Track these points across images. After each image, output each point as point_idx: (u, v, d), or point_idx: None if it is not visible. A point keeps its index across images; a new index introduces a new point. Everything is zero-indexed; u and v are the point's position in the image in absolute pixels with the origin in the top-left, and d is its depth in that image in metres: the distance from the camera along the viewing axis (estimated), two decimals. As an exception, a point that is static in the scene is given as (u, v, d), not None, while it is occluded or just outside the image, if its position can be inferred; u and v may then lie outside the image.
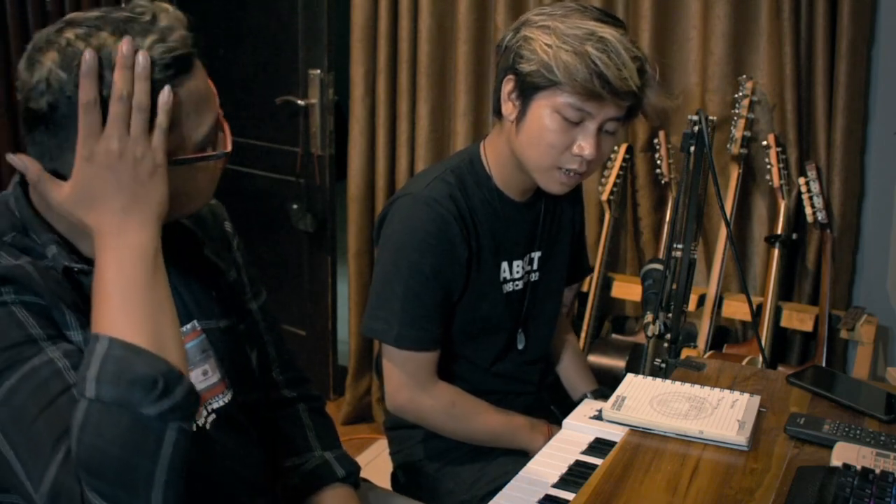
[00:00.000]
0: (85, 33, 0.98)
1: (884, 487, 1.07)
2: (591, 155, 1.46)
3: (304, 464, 1.34)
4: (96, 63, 0.96)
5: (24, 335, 0.97)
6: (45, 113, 0.99)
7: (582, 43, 1.39)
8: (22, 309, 0.98)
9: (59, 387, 0.95)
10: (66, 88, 0.97)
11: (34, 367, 0.96)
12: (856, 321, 2.35)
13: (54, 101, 0.98)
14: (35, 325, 0.98)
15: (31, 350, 0.97)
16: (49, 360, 0.97)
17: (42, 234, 1.07)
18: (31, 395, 0.94)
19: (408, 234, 1.53)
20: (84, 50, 0.96)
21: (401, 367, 1.58)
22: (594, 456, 1.33)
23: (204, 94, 1.05)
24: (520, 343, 1.70)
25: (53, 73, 0.98)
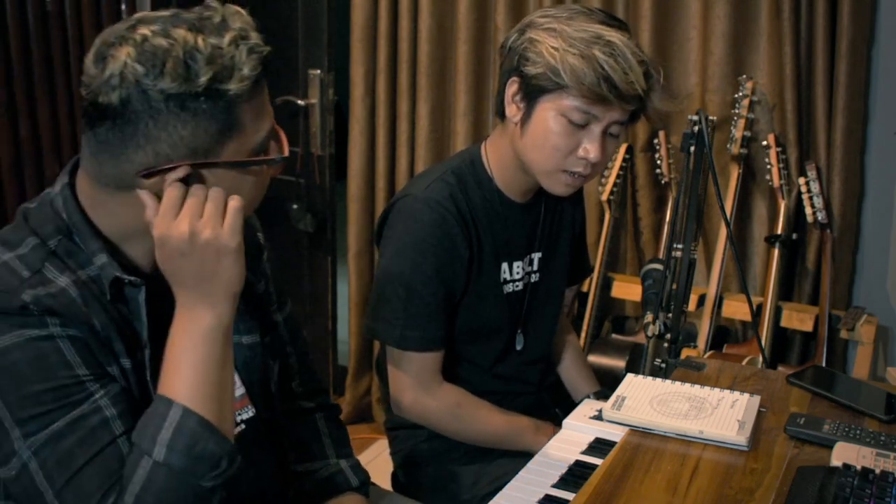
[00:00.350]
0: (161, 30, 0.98)
1: (884, 487, 1.07)
2: (596, 158, 1.46)
3: (319, 470, 1.35)
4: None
5: (72, 376, 0.99)
6: (115, 107, 0.98)
7: (589, 46, 1.39)
8: (68, 344, 0.99)
9: (106, 438, 0.99)
10: (142, 82, 0.96)
11: (83, 414, 0.98)
12: (856, 321, 2.35)
13: (127, 95, 0.97)
14: (81, 365, 1.00)
15: (79, 394, 0.99)
16: (97, 407, 0.99)
17: (90, 242, 1.06)
18: (78, 442, 0.97)
19: (409, 235, 1.53)
20: (162, 43, 0.96)
21: (405, 368, 1.58)
22: (594, 456, 1.33)
23: (265, 100, 1.07)
24: (518, 344, 1.70)
25: (129, 67, 0.96)
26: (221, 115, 1.00)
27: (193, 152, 1.01)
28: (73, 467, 0.96)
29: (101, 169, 1.03)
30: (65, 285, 1.01)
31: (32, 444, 0.97)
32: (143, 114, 0.98)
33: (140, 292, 1.07)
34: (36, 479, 0.97)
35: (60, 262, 1.03)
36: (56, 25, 3.15)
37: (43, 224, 1.06)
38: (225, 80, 0.98)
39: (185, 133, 0.99)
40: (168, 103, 0.97)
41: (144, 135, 0.99)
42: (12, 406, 0.96)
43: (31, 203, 1.11)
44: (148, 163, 1.00)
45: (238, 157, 1.04)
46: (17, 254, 1.03)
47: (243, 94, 1.00)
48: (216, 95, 0.99)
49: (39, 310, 0.98)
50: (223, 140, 1.02)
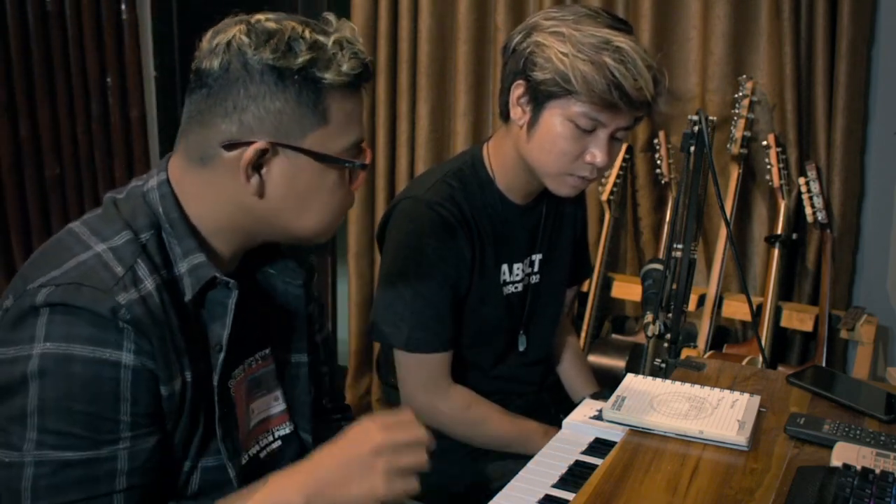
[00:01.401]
0: (276, 18, 1.03)
1: (884, 487, 1.07)
2: (603, 163, 1.47)
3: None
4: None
5: (114, 411, 0.98)
6: (214, 72, 1.02)
7: (598, 52, 1.39)
8: (130, 377, 0.98)
9: (103, 489, 0.99)
10: (245, 51, 1.00)
11: (98, 458, 0.98)
12: (856, 321, 2.35)
13: (228, 61, 1.01)
14: (129, 403, 0.99)
15: (110, 434, 0.98)
16: (112, 457, 0.99)
17: (186, 240, 1.06)
18: (78, 481, 0.97)
19: (411, 237, 1.53)
20: (272, 25, 1.01)
21: (414, 370, 1.58)
22: (594, 456, 1.33)
23: (360, 110, 1.08)
24: (521, 345, 1.70)
25: (236, 38, 1.01)
26: (311, 100, 1.02)
27: (276, 130, 1.02)
28: (62, 499, 0.97)
29: (189, 141, 1.06)
30: (152, 289, 1.01)
31: (40, 456, 0.96)
32: (239, 80, 1.01)
33: (231, 295, 1.08)
34: (22, 483, 0.96)
35: (150, 261, 1.03)
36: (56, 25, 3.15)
37: (136, 216, 1.06)
38: (321, 69, 1.01)
39: (273, 108, 1.01)
40: (264, 73, 1.00)
41: (235, 102, 1.01)
42: (46, 411, 0.96)
43: (117, 193, 1.11)
44: (232, 133, 1.02)
45: (320, 150, 1.05)
46: (110, 245, 1.03)
47: (336, 86, 1.03)
48: (310, 79, 1.01)
49: (127, 319, 0.97)
50: (307, 126, 1.03)
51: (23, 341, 0.97)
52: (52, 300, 0.97)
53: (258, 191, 1.05)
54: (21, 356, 0.96)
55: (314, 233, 1.12)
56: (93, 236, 1.04)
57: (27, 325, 0.97)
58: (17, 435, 0.97)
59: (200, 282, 1.06)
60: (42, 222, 3.29)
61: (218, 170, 1.05)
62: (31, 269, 1.03)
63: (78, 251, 1.03)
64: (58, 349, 0.96)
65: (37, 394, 0.96)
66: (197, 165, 1.06)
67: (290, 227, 1.10)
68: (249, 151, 1.02)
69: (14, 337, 0.98)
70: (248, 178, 1.04)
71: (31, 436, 0.96)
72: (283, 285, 1.23)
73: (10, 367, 0.97)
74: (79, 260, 1.01)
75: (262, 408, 1.23)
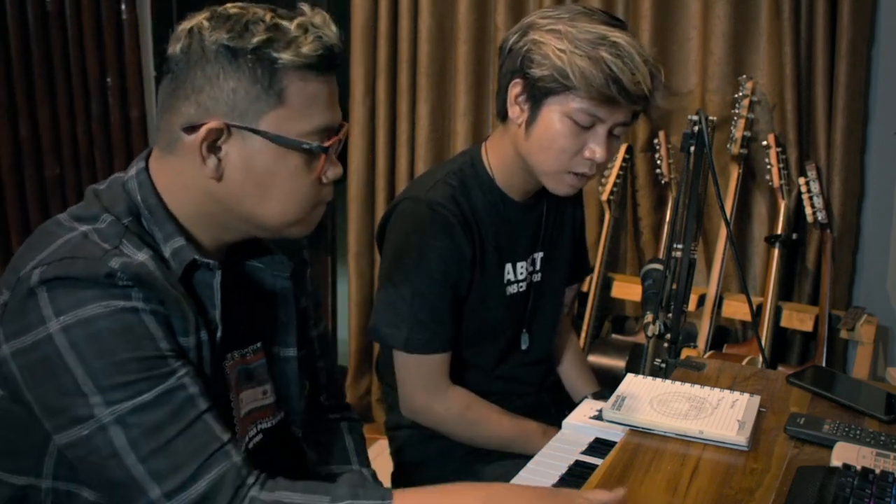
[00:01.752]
0: (243, 4, 1.05)
1: (884, 487, 1.07)
2: (601, 159, 1.47)
3: (342, 474, 1.35)
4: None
5: (156, 349, 0.99)
6: (177, 57, 1.04)
7: (595, 48, 1.39)
8: (151, 318, 1.00)
9: (193, 413, 1.00)
10: (203, 34, 1.02)
11: (169, 389, 0.99)
12: (856, 321, 2.35)
13: (188, 44, 1.03)
14: (164, 339, 1.00)
15: (164, 367, 0.99)
16: (182, 384, 1.00)
17: (165, 224, 1.07)
18: (168, 416, 0.98)
19: (412, 238, 1.52)
20: (235, 10, 1.03)
21: (413, 371, 1.57)
22: (594, 456, 1.33)
23: (327, 96, 1.07)
24: (524, 343, 1.70)
25: (198, 22, 1.03)
26: (265, 80, 1.02)
27: (231, 110, 1.03)
28: (163, 438, 0.97)
29: (160, 129, 1.08)
30: (144, 259, 1.02)
31: (116, 411, 0.96)
32: (197, 63, 1.02)
33: (214, 276, 1.09)
34: (115, 443, 0.96)
35: (135, 240, 1.04)
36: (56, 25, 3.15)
37: (115, 203, 1.07)
38: (278, 49, 1.01)
39: (227, 87, 1.02)
40: (218, 53, 1.01)
41: (193, 84, 1.03)
42: (96, 373, 0.96)
43: (99, 185, 1.12)
44: (190, 116, 1.04)
45: (277, 132, 1.04)
46: (94, 227, 1.04)
47: (294, 67, 1.02)
48: (265, 59, 1.01)
49: (125, 278, 0.98)
50: (263, 107, 1.03)
51: (34, 325, 0.97)
52: (46, 277, 0.97)
53: (216, 173, 1.05)
54: (40, 339, 0.97)
55: (280, 222, 1.10)
56: (75, 221, 1.06)
57: (30, 308, 0.97)
58: (81, 406, 0.96)
59: (183, 263, 1.06)
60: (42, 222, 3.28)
61: (182, 155, 1.06)
62: (18, 260, 1.03)
63: (62, 233, 1.04)
64: (75, 317, 0.96)
65: (78, 362, 0.96)
66: (166, 153, 1.08)
67: (254, 215, 1.09)
68: (202, 131, 1.02)
69: (24, 325, 0.98)
70: (204, 160, 1.04)
71: (96, 400, 0.96)
72: (272, 279, 1.23)
73: (37, 351, 0.97)
74: (65, 239, 1.02)
75: (249, 399, 1.23)
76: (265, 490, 0.99)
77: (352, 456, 1.39)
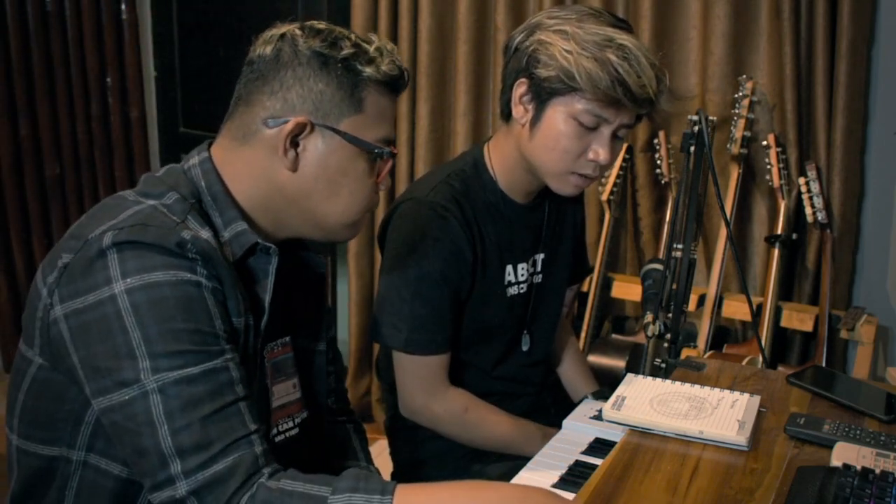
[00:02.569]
0: (326, 24, 1.15)
1: (884, 487, 1.07)
2: (605, 160, 1.47)
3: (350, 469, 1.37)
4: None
5: (212, 325, 1.03)
6: (266, 57, 1.12)
7: (602, 50, 1.39)
8: (211, 296, 1.04)
9: (231, 396, 1.02)
10: (297, 40, 1.11)
11: (216, 368, 1.02)
12: (856, 321, 2.35)
13: (280, 48, 1.12)
14: (219, 318, 1.04)
15: (216, 346, 1.03)
16: (227, 366, 1.03)
17: (228, 210, 1.13)
18: (209, 393, 1.00)
19: (412, 239, 1.52)
20: (322, 26, 1.14)
21: (412, 372, 1.57)
22: (594, 456, 1.33)
23: (392, 113, 1.18)
24: (524, 345, 1.70)
25: (290, 31, 1.13)
26: (349, 88, 1.12)
27: (316, 109, 1.12)
28: (198, 414, 0.99)
29: (234, 121, 1.15)
30: (207, 237, 1.07)
31: (160, 379, 0.98)
32: (288, 63, 1.11)
33: (271, 261, 1.15)
34: (152, 411, 0.98)
35: (200, 218, 1.10)
36: (56, 25, 3.15)
37: (179, 185, 1.12)
38: (362, 63, 1.12)
39: (316, 88, 1.11)
40: (311, 58, 1.11)
41: (281, 82, 1.11)
42: (151, 338, 0.98)
43: (155, 172, 1.17)
44: (275, 110, 1.12)
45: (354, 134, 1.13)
46: (162, 202, 1.09)
47: (374, 81, 1.13)
48: (351, 70, 1.12)
49: (194, 251, 1.02)
50: (344, 111, 1.12)
51: (99, 285, 1.00)
52: (118, 240, 1.00)
53: (293, 165, 1.12)
54: (103, 298, 0.99)
55: (339, 221, 1.18)
56: (141, 196, 1.10)
57: (97, 268, 1.00)
58: (129, 369, 0.98)
59: (243, 247, 1.12)
60: (42, 222, 3.29)
61: (257, 146, 1.13)
62: (83, 227, 1.06)
63: (131, 205, 1.07)
64: (141, 280, 0.99)
65: (136, 325, 0.98)
66: (239, 143, 1.14)
67: (317, 211, 1.16)
68: (290, 123, 1.10)
69: (87, 284, 1.00)
70: (285, 151, 1.11)
71: (145, 365, 0.98)
72: (306, 273, 1.29)
73: (96, 311, 1.00)
74: (135, 210, 1.06)
75: (281, 392, 1.26)
76: (273, 479, 1.01)
77: (360, 454, 1.42)
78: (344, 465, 1.37)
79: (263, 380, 1.20)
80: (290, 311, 1.27)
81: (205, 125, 3.43)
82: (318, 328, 1.31)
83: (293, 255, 1.27)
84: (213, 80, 3.34)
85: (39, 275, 1.08)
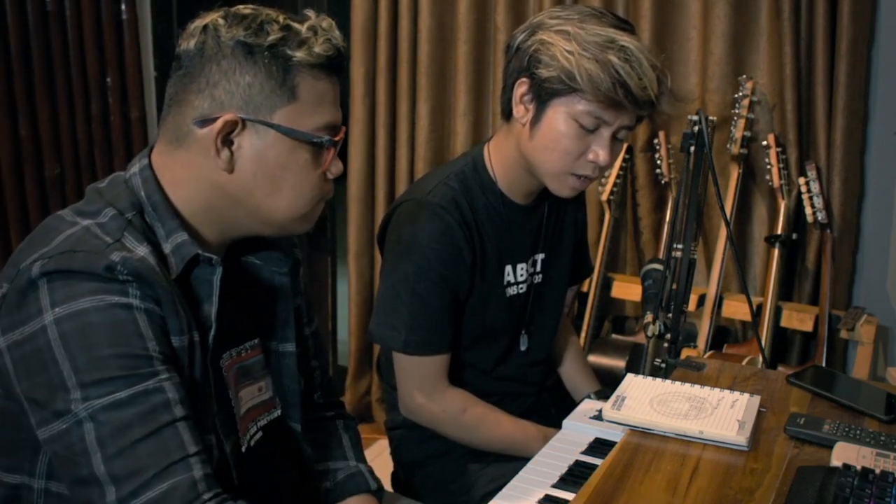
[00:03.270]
0: (254, 6, 1.08)
1: (884, 487, 1.07)
2: (605, 162, 1.46)
3: (339, 471, 1.36)
4: None
5: (143, 348, 0.99)
6: (190, 52, 1.06)
7: (604, 51, 1.39)
8: (144, 317, 1.00)
9: (165, 418, 0.98)
10: (219, 31, 1.05)
11: (146, 390, 0.98)
12: (856, 321, 2.35)
13: (203, 41, 1.05)
14: (153, 340, 1.00)
15: (146, 368, 0.99)
16: (160, 387, 0.99)
17: (168, 220, 1.08)
18: (138, 417, 0.97)
19: (412, 240, 1.52)
20: (248, 10, 1.06)
21: (411, 372, 1.57)
22: (594, 456, 1.33)
23: (334, 96, 1.11)
24: (523, 345, 1.70)
25: (212, 21, 1.06)
26: (280, 76, 1.05)
27: (246, 104, 1.05)
28: (129, 439, 0.96)
29: (167, 124, 1.09)
30: (145, 254, 1.03)
31: (90, 406, 0.96)
32: (213, 58, 1.05)
33: (215, 272, 1.10)
34: (86, 440, 0.96)
35: (137, 234, 1.05)
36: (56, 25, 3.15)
37: (118, 199, 1.08)
38: (292, 48, 1.05)
39: (243, 82, 1.05)
40: (235, 49, 1.04)
41: (207, 79, 1.05)
42: (78, 368, 0.96)
43: (99, 183, 1.14)
44: (204, 110, 1.06)
45: (289, 126, 1.07)
46: (96, 221, 1.05)
47: (306, 65, 1.06)
48: (280, 56, 1.05)
49: (125, 272, 0.99)
50: (277, 102, 1.06)
51: (31, 317, 0.98)
52: (46, 269, 0.98)
53: (228, 166, 1.07)
54: (36, 330, 0.97)
55: (287, 216, 1.12)
56: (77, 216, 1.07)
57: (29, 300, 0.98)
58: (61, 400, 0.97)
59: (185, 259, 1.07)
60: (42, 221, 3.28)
61: (192, 148, 1.08)
62: (19, 254, 1.04)
63: (64, 228, 1.04)
64: (68, 309, 0.97)
65: (65, 356, 0.96)
66: (174, 147, 1.09)
67: (262, 208, 1.11)
68: (218, 123, 1.05)
69: (21, 316, 0.99)
70: (218, 151, 1.06)
71: (76, 395, 0.96)
72: (270, 274, 1.24)
73: (31, 343, 0.98)
74: (67, 234, 1.03)
75: (248, 396, 1.23)
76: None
77: (348, 452, 1.40)
78: (329, 466, 1.36)
79: (224, 390, 1.16)
80: (257, 313, 1.24)
81: (205, 125, 3.42)
82: (284, 329, 1.27)
83: (255, 255, 1.24)
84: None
85: None
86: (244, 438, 1.21)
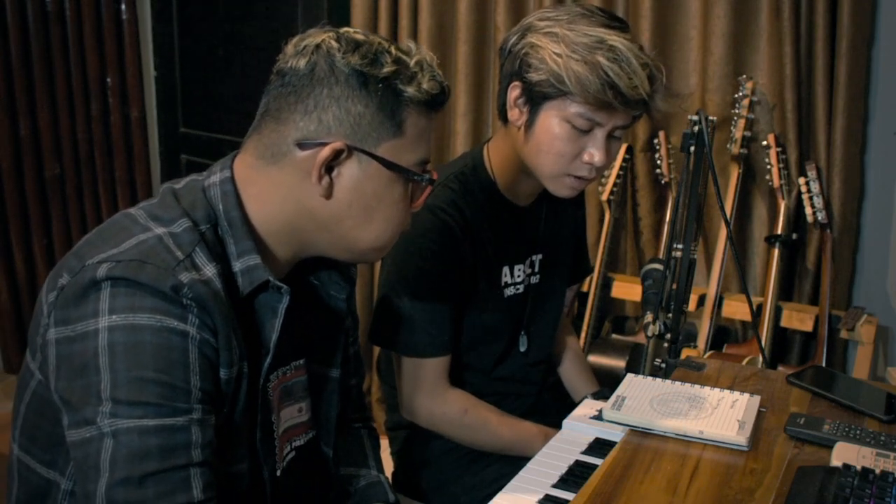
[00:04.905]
0: (363, 32, 1.07)
1: (884, 487, 1.07)
2: (601, 162, 1.46)
3: (361, 477, 1.37)
4: None
5: (185, 381, 0.97)
6: (300, 71, 1.04)
7: (592, 52, 1.38)
8: (196, 349, 0.98)
9: (182, 460, 0.96)
10: (334, 54, 1.03)
11: (175, 426, 0.96)
12: (856, 321, 2.35)
13: (315, 62, 1.04)
14: (198, 374, 0.98)
15: (183, 403, 0.97)
16: (187, 427, 0.97)
17: (243, 241, 1.06)
18: (158, 449, 0.95)
19: (412, 242, 1.52)
20: (359, 36, 1.05)
21: (412, 374, 1.57)
22: (594, 456, 1.33)
23: (430, 133, 1.12)
24: (522, 345, 1.70)
25: (325, 42, 1.05)
26: (390, 109, 1.05)
27: (353, 133, 1.05)
28: (140, 470, 0.94)
29: (262, 137, 1.07)
30: (212, 275, 1.01)
31: (115, 424, 0.94)
32: (324, 81, 1.03)
33: (282, 300, 1.08)
34: (101, 455, 0.94)
35: (208, 251, 1.03)
36: (56, 25, 3.15)
37: (195, 208, 1.06)
38: (404, 82, 1.05)
39: (354, 111, 1.04)
40: (350, 77, 1.03)
41: (316, 101, 1.04)
42: (117, 383, 0.94)
43: (176, 184, 1.11)
44: (309, 132, 1.04)
45: (392, 160, 1.06)
46: (170, 231, 1.03)
47: (415, 102, 1.06)
48: (392, 90, 1.05)
49: (189, 296, 0.97)
50: (383, 135, 1.06)
51: (87, 316, 0.96)
52: (113, 274, 0.96)
53: (326, 192, 1.06)
54: (88, 331, 0.96)
55: (371, 247, 1.12)
56: (151, 220, 1.04)
57: (90, 299, 0.96)
58: (91, 408, 0.95)
59: (254, 283, 1.06)
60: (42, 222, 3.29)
61: (287, 168, 1.06)
62: (86, 247, 1.02)
63: (137, 231, 1.02)
64: (125, 320, 0.95)
65: (108, 367, 0.95)
66: (265, 163, 1.07)
67: (349, 237, 1.10)
68: (326, 150, 1.03)
69: (77, 313, 0.97)
70: (319, 178, 1.05)
71: (106, 409, 0.94)
72: (328, 297, 1.23)
73: (79, 343, 0.96)
74: (139, 239, 1.01)
75: (287, 416, 1.22)
76: None
77: (371, 461, 1.41)
78: (351, 472, 1.37)
79: (268, 414, 1.14)
80: (307, 334, 1.22)
81: (205, 125, 3.43)
82: (333, 354, 1.26)
83: (315, 275, 1.22)
84: (214, 80, 3.34)
85: (44, 288, 1.04)
86: (280, 460, 1.20)
